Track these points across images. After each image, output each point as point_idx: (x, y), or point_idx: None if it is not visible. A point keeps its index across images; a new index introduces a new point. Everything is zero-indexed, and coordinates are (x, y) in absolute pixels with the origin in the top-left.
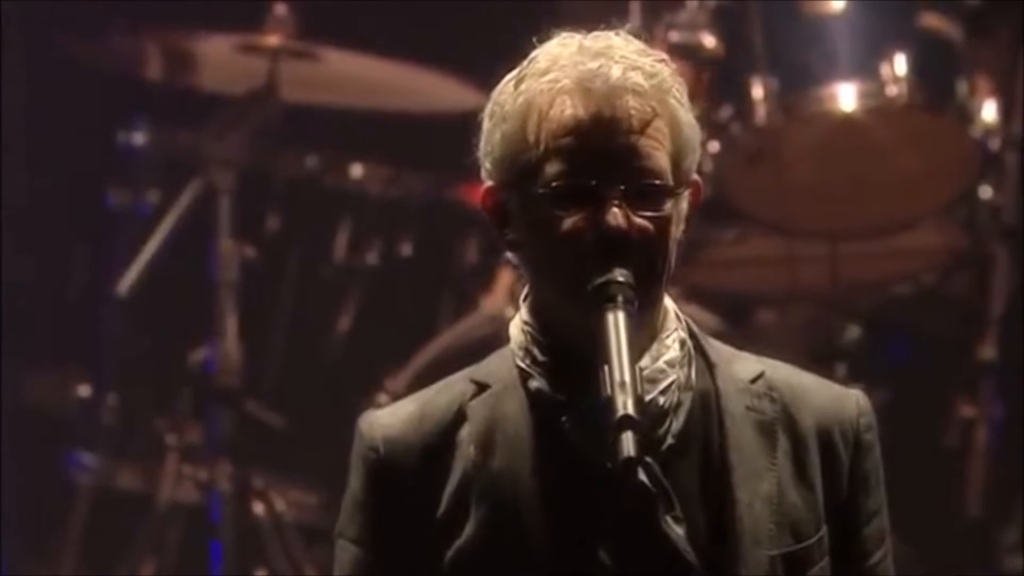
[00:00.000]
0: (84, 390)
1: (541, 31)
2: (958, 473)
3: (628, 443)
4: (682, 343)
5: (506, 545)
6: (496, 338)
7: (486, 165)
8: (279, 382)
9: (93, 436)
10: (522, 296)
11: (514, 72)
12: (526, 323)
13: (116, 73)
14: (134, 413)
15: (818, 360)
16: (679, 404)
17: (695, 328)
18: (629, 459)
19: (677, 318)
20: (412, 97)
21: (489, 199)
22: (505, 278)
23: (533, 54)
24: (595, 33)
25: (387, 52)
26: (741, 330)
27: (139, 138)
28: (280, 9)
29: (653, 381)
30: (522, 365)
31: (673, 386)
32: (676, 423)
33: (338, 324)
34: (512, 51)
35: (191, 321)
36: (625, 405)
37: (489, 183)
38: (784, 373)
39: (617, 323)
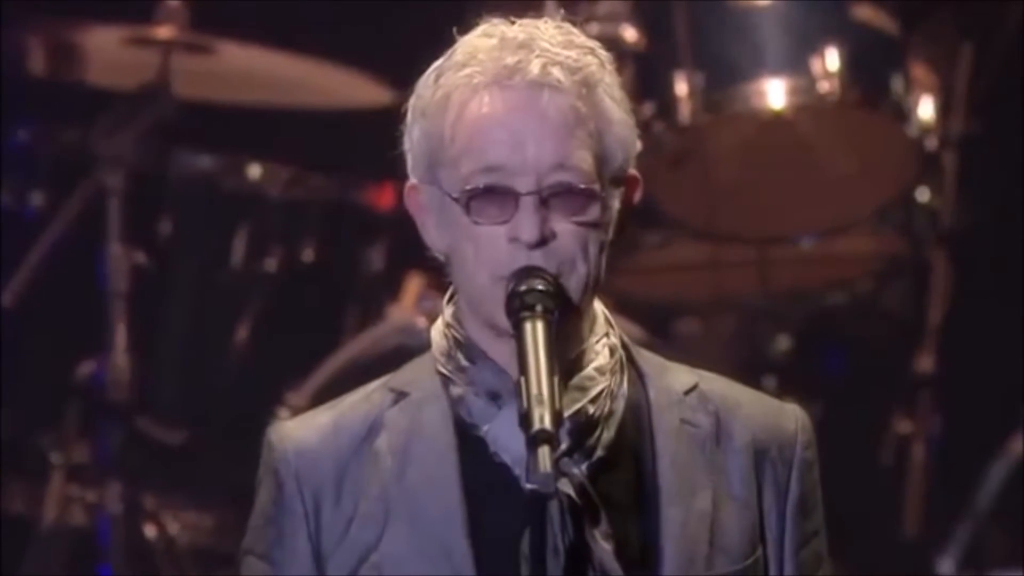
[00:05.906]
0: None
1: (452, 24)
2: (894, 491)
3: (544, 458)
4: (612, 350)
5: (423, 560)
6: (404, 349)
7: (408, 160)
8: (172, 397)
9: None
10: (446, 298)
11: (437, 63)
12: (449, 326)
13: None
14: (17, 430)
15: (746, 373)
16: (610, 414)
17: (626, 337)
18: (545, 475)
19: (608, 323)
20: (314, 93)
21: (411, 197)
22: (413, 286)
23: (455, 45)
24: (522, 21)
25: (287, 45)
26: (664, 341)
27: (23, 136)
28: None
29: (582, 389)
30: (444, 371)
31: (603, 394)
32: (607, 433)
33: (235, 335)
34: (421, 45)
35: (78, 331)
36: (542, 419)
37: (412, 180)
38: (718, 386)
39: (535, 333)
